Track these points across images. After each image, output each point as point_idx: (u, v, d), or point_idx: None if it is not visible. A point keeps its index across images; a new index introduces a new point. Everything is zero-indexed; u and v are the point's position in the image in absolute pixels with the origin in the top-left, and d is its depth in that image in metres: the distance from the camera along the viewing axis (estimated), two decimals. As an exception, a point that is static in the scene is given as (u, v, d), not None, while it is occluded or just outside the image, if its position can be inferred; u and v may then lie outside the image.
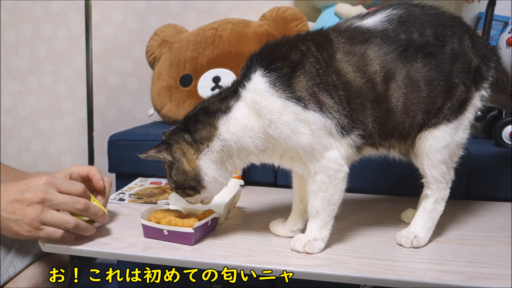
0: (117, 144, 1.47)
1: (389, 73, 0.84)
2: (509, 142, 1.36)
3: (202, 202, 0.94)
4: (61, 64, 2.13)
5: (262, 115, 0.82)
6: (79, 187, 0.87)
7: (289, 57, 0.83)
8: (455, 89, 0.88)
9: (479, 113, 0.97)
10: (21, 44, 2.14)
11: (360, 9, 1.66)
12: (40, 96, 2.16)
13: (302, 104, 0.81)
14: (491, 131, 1.43)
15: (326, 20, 1.73)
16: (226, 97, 0.87)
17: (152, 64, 1.86)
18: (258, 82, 0.83)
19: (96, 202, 0.93)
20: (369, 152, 0.93)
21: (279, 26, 1.70)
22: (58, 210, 0.84)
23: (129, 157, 1.45)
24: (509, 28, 1.52)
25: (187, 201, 0.94)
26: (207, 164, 0.87)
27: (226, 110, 0.86)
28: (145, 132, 1.53)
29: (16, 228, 0.82)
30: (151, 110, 1.79)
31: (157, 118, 1.85)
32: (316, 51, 0.84)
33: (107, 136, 1.50)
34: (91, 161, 1.86)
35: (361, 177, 1.28)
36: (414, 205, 1.03)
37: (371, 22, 0.87)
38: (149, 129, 1.61)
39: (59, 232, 0.83)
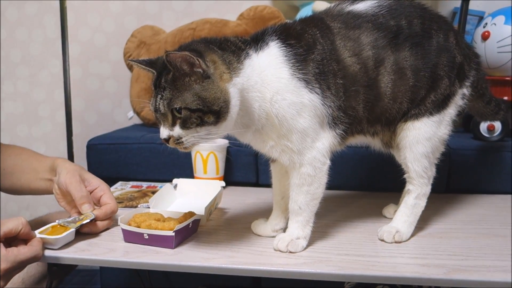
0: (96, 148, 1.45)
1: (379, 58, 0.85)
2: (487, 135, 1.38)
3: (205, 140, 0.80)
4: (37, 69, 2.09)
5: (272, 84, 0.80)
6: None
7: (302, 39, 0.83)
8: (440, 82, 0.89)
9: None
10: (-5, 49, 2.09)
11: (337, 7, 1.66)
12: (17, 102, 2.12)
13: (310, 87, 0.81)
14: (469, 124, 1.45)
15: (304, 18, 1.73)
16: (247, 42, 0.84)
17: (130, 66, 1.84)
18: (276, 51, 0.82)
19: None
20: (352, 141, 0.93)
21: (257, 25, 1.69)
22: None
23: (108, 160, 1.43)
24: (484, 22, 1.54)
25: (183, 142, 0.78)
26: (236, 94, 0.78)
27: (248, 55, 0.81)
28: (124, 135, 1.51)
29: None
30: (131, 113, 1.77)
31: (137, 121, 1.83)
32: (321, 37, 0.84)
33: (86, 141, 1.48)
34: (70, 166, 1.82)
35: (340, 173, 1.28)
36: (395, 200, 1.04)
37: (362, 7, 0.88)
38: (129, 132, 1.59)
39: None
